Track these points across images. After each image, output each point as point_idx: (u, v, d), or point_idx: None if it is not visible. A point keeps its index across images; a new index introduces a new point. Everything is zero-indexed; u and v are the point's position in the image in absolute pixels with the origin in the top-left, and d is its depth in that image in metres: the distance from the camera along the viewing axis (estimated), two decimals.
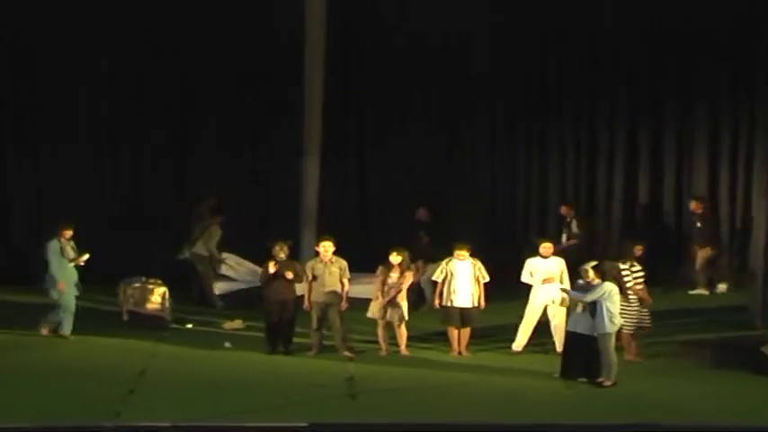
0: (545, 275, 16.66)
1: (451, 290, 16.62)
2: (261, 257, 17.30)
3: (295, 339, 16.75)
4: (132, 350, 16.64)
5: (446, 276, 16.66)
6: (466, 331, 16.76)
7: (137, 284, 18.25)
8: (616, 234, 21.02)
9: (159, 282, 18.25)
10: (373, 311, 16.69)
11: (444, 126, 21.70)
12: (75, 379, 15.08)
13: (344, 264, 16.61)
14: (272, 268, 16.46)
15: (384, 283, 16.61)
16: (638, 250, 16.76)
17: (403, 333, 16.67)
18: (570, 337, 15.48)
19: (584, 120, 21.48)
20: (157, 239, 20.65)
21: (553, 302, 16.51)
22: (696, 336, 17.26)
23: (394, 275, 16.60)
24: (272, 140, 21.50)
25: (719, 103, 20.94)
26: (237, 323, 18.11)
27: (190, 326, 18.19)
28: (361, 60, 21.56)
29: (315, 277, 16.49)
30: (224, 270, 19.81)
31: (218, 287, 19.50)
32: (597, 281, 15.22)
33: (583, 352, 15.23)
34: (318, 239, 17.12)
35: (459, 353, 16.66)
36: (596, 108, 21.43)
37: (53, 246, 17.25)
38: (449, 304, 16.67)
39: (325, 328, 16.63)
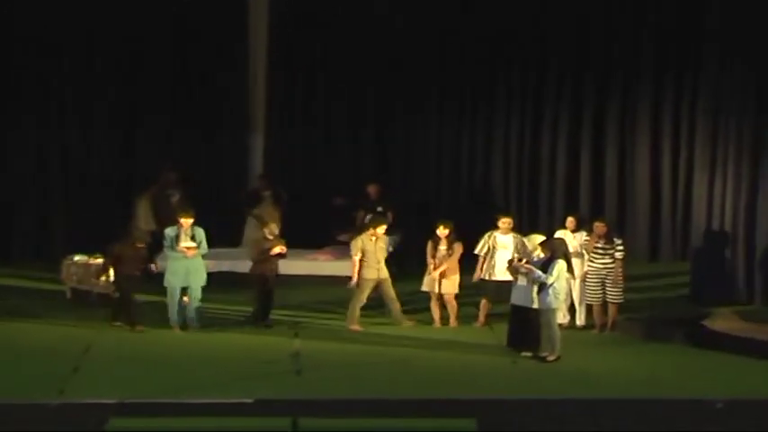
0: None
1: (492, 263, 16.82)
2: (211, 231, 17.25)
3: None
4: (76, 328, 16.56)
5: (488, 250, 16.84)
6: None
7: (80, 261, 18.06)
8: (559, 209, 21.09)
9: (103, 258, 18.04)
10: (427, 284, 16.98)
11: (390, 99, 21.60)
12: (18, 358, 15.01)
13: (387, 239, 17.14)
14: (278, 249, 16.83)
15: (433, 256, 16.88)
16: (599, 227, 16.77)
17: (453, 306, 16.97)
18: (513, 310, 15.64)
19: (529, 93, 21.52)
20: (104, 215, 20.41)
21: None
22: (640, 311, 17.41)
23: (442, 248, 16.85)
24: (219, 114, 21.42)
25: (662, 78, 21.04)
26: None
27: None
28: (307, 33, 21.44)
29: (364, 254, 16.80)
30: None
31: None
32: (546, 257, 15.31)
33: (525, 324, 15.35)
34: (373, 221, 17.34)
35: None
36: (543, 80, 21.47)
37: (167, 232, 16.72)
38: (487, 277, 16.89)
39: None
